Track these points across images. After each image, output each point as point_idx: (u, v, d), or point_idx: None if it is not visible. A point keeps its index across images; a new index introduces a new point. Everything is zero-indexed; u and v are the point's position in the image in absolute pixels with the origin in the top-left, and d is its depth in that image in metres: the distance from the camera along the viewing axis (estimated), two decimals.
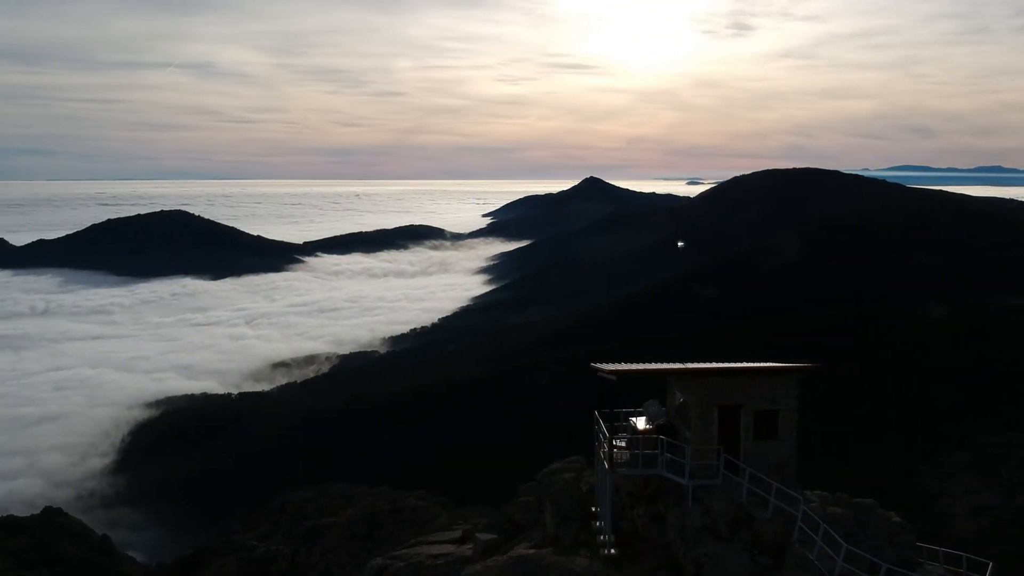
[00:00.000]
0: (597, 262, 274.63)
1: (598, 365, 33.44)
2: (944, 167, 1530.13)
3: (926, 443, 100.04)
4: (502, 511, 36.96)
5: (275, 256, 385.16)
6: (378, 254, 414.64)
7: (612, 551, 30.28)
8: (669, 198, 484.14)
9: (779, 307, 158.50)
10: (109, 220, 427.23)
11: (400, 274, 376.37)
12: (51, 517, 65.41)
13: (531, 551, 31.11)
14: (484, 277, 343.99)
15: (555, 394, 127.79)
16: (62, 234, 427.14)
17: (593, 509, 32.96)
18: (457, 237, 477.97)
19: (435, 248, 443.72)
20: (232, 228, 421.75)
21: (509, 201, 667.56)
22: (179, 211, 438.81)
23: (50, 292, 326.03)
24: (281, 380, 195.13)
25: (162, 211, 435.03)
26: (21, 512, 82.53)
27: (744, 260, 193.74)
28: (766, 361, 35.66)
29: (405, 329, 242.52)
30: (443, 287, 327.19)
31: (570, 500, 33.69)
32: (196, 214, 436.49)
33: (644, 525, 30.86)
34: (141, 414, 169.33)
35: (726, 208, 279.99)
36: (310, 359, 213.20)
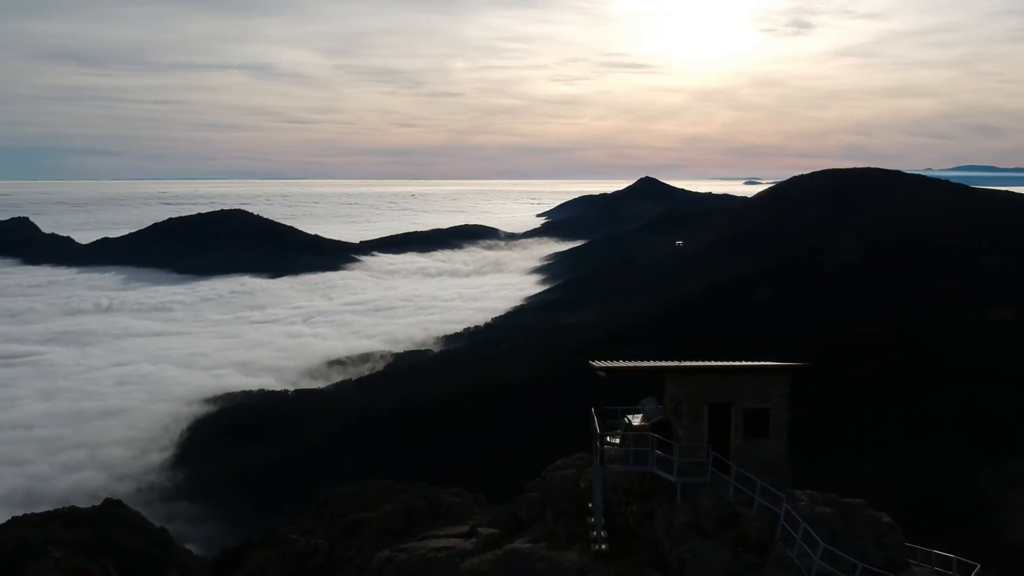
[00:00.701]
0: (651, 262, 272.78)
1: (594, 362, 33.38)
2: (1011, 167, 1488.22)
3: (988, 450, 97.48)
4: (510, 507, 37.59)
5: (332, 255, 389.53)
6: (433, 253, 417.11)
7: (603, 546, 30.59)
8: (725, 198, 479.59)
9: (838, 309, 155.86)
10: (170, 219, 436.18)
11: (454, 273, 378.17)
12: (111, 509, 66.92)
13: (527, 545, 31.70)
14: (537, 277, 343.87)
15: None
16: (125, 233, 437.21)
17: (589, 505, 33.12)
18: (511, 237, 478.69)
19: (489, 248, 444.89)
20: (290, 227, 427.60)
21: (563, 201, 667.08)
22: (239, 210, 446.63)
23: (113, 289, 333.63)
24: (336, 378, 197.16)
25: (222, 210, 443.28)
26: (84, 504, 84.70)
27: (802, 261, 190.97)
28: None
29: (459, 328, 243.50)
30: (497, 287, 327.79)
31: (566, 496, 34.03)
32: (255, 213, 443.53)
33: (636, 522, 31.27)
34: (200, 410, 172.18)
35: (784, 208, 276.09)
36: (365, 357, 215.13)
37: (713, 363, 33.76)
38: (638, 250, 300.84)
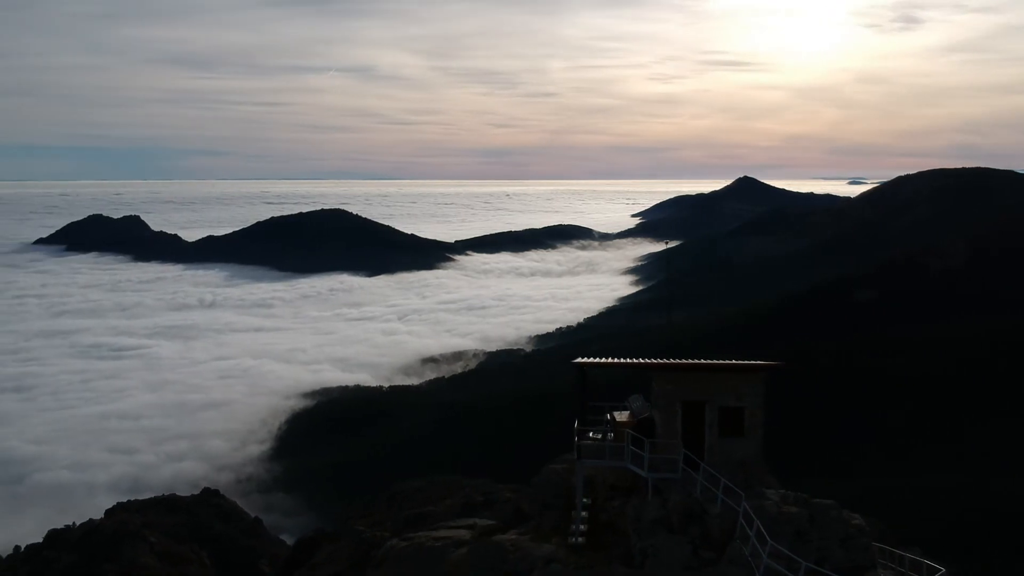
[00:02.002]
0: (749, 263, 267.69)
1: (576, 360, 34.44)
2: None
3: None
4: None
5: (427, 254, 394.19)
6: (526, 253, 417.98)
7: (580, 539, 31.14)
8: (828, 198, 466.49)
9: (943, 313, 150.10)
10: (273, 218, 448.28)
11: (547, 273, 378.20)
12: (208, 498, 69.24)
13: (511, 537, 32.58)
14: (631, 278, 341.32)
15: None
16: (230, 231, 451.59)
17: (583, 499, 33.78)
18: (605, 237, 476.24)
19: (583, 248, 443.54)
20: (388, 227, 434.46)
21: (659, 201, 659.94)
22: (338, 210, 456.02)
23: (217, 286, 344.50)
24: (430, 375, 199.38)
25: (322, 210, 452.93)
26: (184, 492, 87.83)
27: (907, 263, 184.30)
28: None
29: (551, 328, 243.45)
30: (590, 287, 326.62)
31: (554, 491, 34.88)
32: (354, 213, 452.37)
33: (616, 516, 31.76)
34: (298, 404, 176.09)
35: (889, 209, 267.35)
36: (458, 355, 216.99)
37: (688, 361, 34.21)
38: (735, 251, 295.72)
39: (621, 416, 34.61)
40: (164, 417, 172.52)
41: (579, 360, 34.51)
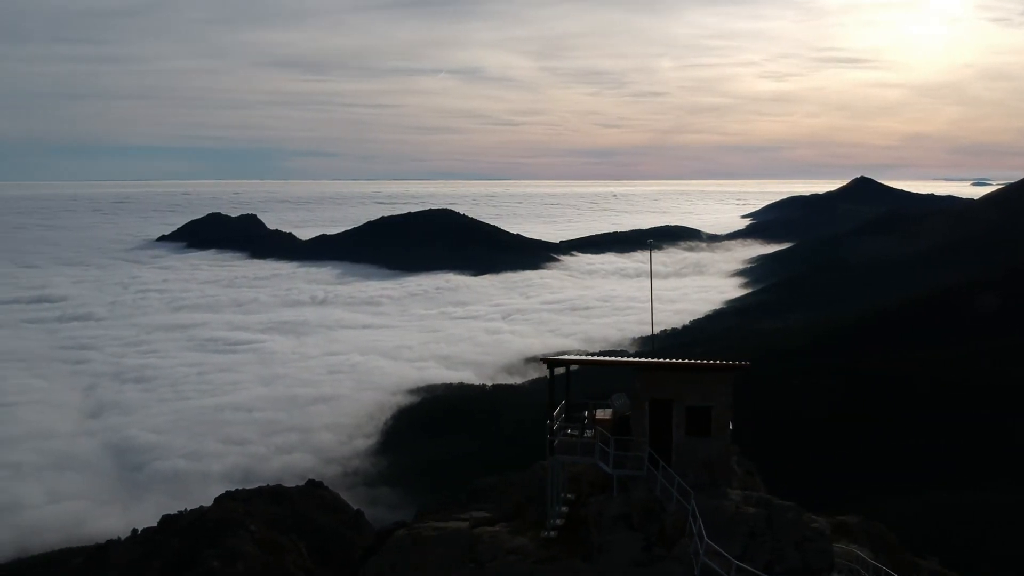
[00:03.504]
0: (864, 266, 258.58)
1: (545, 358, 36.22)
2: None
3: None
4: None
5: (532, 254, 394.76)
6: (632, 254, 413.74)
7: (552, 533, 32.13)
8: (949, 199, 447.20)
9: None
10: (383, 217, 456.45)
11: (653, 275, 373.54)
12: (313, 489, 70.68)
13: (491, 528, 33.97)
14: (740, 280, 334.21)
15: (809, 402, 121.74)
16: (342, 230, 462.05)
17: (569, 496, 34.91)
18: (713, 238, 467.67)
19: (690, 249, 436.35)
20: (494, 227, 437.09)
21: (770, 202, 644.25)
22: (446, 210, 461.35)
23: (329, 283, 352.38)
24: (533, 374, 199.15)
25: (430, 210, 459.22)
26: (293, 484, 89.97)
27: None
28: None
29: (655, 330, 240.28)
30: (696, 289, 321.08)
31: (535, 484, 36.51)
32: (461, 213, 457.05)
33: (589, 512, 32.74)
34: (403, 400, 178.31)
35: (1016, 211, 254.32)
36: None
37: (656, 359, 35.18)
38: (850, 253, 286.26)
39: (604, 414, 35.06)
40: (275, 410, 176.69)
41: (550, 358, 35.74)
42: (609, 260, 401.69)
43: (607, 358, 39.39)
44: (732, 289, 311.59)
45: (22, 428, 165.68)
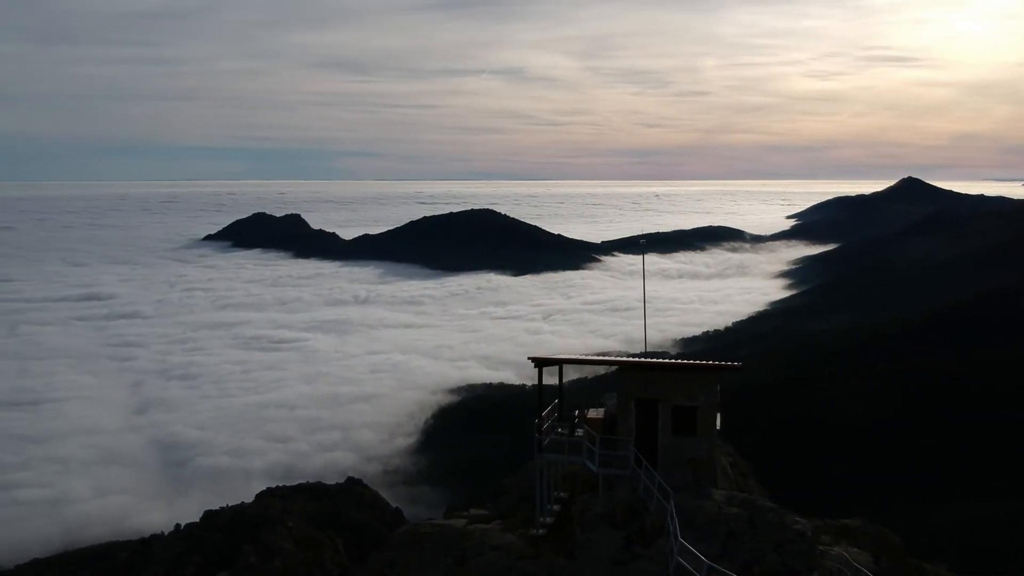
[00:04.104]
0: (911, 268, 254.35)
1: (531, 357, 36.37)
2: None
3: None
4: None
5: (573, 254, 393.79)
6: (674, 255, 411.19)
7: (541, 531, 32.53)
8: (999, 200, 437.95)
9: None
10: (425, 217, 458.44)
11: (695, 275, 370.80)
12: (352, 487, 71.02)
13: (484, 525, 34.54)
14: (784, 281, 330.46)
15: (851, 406, 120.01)
16: (384, 230, 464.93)
17: (562, 494, 35.30)
18: (757, 239, 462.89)
19: (733, 250, 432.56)
20: (535, 227, 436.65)
21: (816, 202, 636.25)
22: (487, 210, 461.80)
23: (371, 283, 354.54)
24: (573, 375, 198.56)
25: (472, 210, 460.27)
26: (333, 481, 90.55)
27: None
28: None
29: (697, 331, 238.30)
30: (740, 290, 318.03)
31: (528, 483, 36.25)
32: (502, 213, 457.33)
33: (574, 510, 33.27)
34: (443, 399, 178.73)
35: None
36: (601, 356, 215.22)
37: (640, 359, 35.51)
38: (897, 255, 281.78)
39: (596, 413, 35.42)
40: (318, 408, 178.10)
41: (537, 356, 35.96)
42: (651, 261, 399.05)
43: (594, 358, 41.07)
44: (776, 290, 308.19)
45: (70, 424, 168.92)
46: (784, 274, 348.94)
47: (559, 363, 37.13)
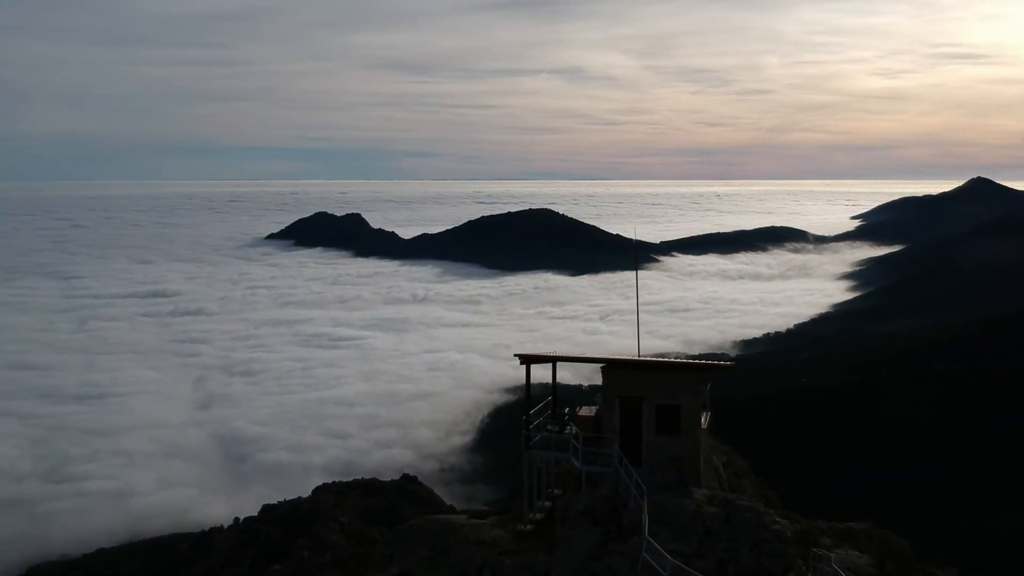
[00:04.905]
0: (979, 270, 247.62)
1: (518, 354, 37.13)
2: None
3: None
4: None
5: (631, 254, 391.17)
6: (734, 256, 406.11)
7: (528, 527, 33.09)
8: None
9: None
10: (483, 217, 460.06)
11: (756, 277, 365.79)
12: (407, 484, 71.55)
13: (481, 521, 34.96)
14: (848, 283, 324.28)
15: (914, 410, 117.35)
16: (443, 229, 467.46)
17: (556, 491, 35.68)
18: (820, 240, 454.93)
19: (796, 251, 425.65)
20: (593, 227, 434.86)
21: (881, 203, 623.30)
22: (546, 209, 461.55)
23: (429, 281, 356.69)
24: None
25: (530, 209, 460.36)
26: (389, 478, 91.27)
27: None
28: None
29: (758, 333, 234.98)
30: (801, 292, 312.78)
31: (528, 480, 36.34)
32: (561, 212, 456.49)
33: (557, 507, 33.53)
34: (500, 398, 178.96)
35: None
36: (660, 357, 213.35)
37: (625, 357, 35.79)
38: (966, 256, 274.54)
39: (588, 411, 35.70)
40: (376, 405, 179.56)
41: (524, 354, 36.88)
42: (710, 261, 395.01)
43: (582, 356, 40.33)
44: (839, 292, 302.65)
45: (135, 418, 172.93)
46: (848, 276, 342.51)
47: (546, 360, 37.47)
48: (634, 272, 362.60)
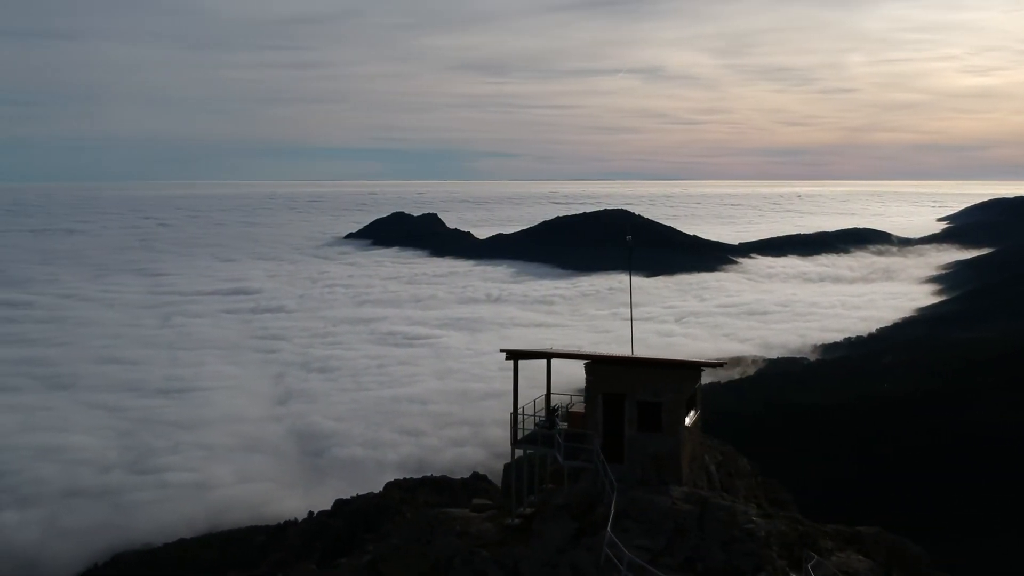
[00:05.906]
0: None
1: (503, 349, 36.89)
2: None
3: None
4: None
5: (708, 256, 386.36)
6: (815, 258, 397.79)
7: (515, 521, 33.18)
8: None
9: None
10: (559, 217, 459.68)
11: (838, 279, 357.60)
12: (476, 482, 72.05)
13: (478, 514, 35.18)
14: (933, 287, 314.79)
15: (999, 419, 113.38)
16: (518, 229, 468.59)
17: (550, 486, 36.14)
18: (905, 242, 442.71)
19: (879, 253, 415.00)
20: (670, 227, 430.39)
21: (970, 204, 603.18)
22: (622, 210, 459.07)
23: (504, 281, 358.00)
24: (705, 379, 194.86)
25: (606, 210, 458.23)
26: (460, 475, 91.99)
27: None
28: None
29: (838, 337, 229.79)
30: (885, 295, 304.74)
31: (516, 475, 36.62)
32: (637, 213, 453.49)
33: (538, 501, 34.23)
34: (563, 400, 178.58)
35: None
36: (736, 361, 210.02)
37: (607, 354, 35.75)
38: None
39: (581, 407, 36.06)
40: (449, 403, 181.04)
41: (510, 349, 36.78)
42: (790, 263, 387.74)
43: (568, 351, 38.72)
44: (924, 296, 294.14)
45: (216, 412, 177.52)
46: (933, 279, 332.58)
47: (532, 356, 37.44)
48: (711, 273, 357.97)
